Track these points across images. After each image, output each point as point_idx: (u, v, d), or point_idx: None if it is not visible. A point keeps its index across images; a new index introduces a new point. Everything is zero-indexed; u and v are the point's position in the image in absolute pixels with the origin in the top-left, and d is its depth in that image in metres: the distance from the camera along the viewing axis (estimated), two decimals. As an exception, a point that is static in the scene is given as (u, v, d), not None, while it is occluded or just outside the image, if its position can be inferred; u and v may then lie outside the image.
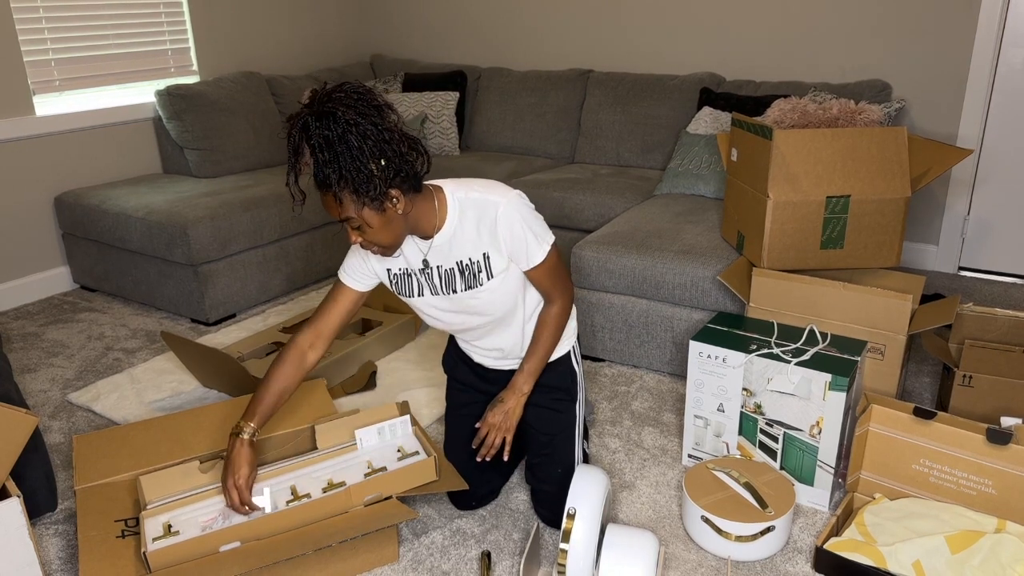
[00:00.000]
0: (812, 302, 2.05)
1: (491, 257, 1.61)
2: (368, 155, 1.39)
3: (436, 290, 1.67)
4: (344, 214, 1.45)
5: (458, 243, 1.60)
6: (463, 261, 1.61)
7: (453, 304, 1.67)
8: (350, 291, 1.71)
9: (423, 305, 1.70)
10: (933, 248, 3.41)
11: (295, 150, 1.41)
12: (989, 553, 1.55)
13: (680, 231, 2.59)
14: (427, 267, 1.64)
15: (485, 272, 1.62)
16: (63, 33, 3.22)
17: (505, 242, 1.59)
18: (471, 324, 1.71)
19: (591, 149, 3.67)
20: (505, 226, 1.57)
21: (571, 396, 1.82)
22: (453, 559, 1.73)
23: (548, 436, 1.80)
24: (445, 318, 1.71)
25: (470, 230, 1.59)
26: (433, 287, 1.66)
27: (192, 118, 3.38)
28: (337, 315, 1.72)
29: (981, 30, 3.06)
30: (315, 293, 3.29)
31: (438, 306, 1.69)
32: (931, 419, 1.71)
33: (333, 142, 1.38)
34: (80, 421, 2.34)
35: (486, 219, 1.58)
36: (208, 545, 1.54)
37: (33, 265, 3.28)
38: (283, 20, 4.10)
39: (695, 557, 1.72)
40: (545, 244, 1.62)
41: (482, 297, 1.64)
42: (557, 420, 1.81)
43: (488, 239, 1.59)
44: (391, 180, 1.44)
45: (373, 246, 1.52)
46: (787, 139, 2.09)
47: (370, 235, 1.49)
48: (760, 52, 3.52)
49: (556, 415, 1.81)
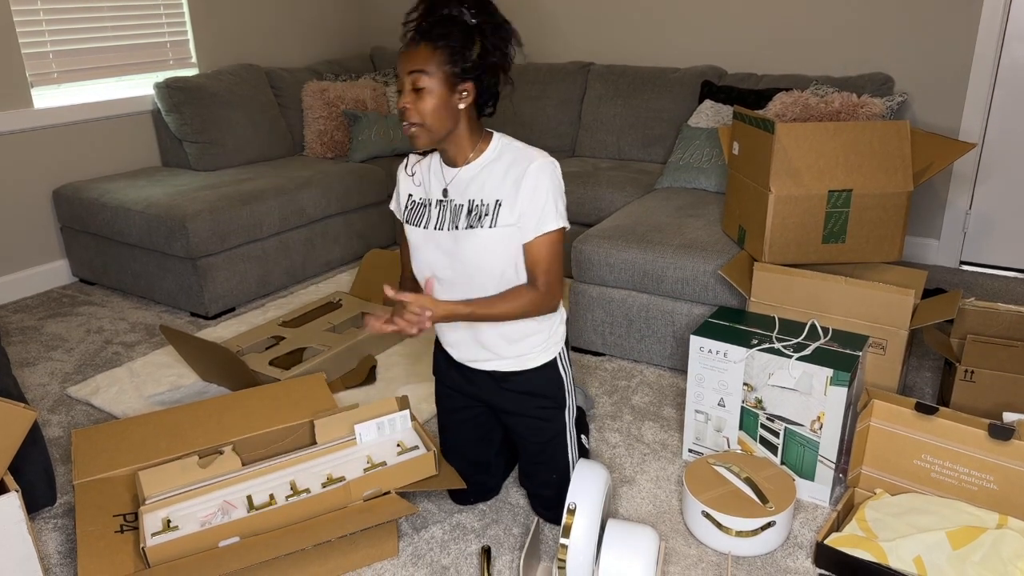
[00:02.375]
0: (814, 297, 2.04)
1: (502, 207, 1.58)
2: (478, 40, 1.50)
3: (443, 223, 1.64)
4: (421, 66, 1.49)
5: (479, 182, 1.60)
6: (475, 200, 1.61)
7: (445, 242, 1.64)
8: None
9: (423, 239, 1.66)
10: (935, 242, 3.40)
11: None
12: (990, 549, 1.55)
13: (681, 225, 2.58)
14: (445, 197, 1.64)
15: (491, 217, 1.59)
16: (61, 25, 3.21)
17: (525, 196, 1.56)
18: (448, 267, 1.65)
19: (592, 142, 3.66)
20: (532, 180, 1.56)
21: (558, 404, 1.77)
22: (453, 554, 1.73)
23: (539, 445, 1.78)
24: (433, 257, 1.66)
25: (497, 173, 1.60)
26: (442, 220, 1.64)
27: (191, 111, 3.37)
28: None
29: (984, 23, 3.04)
30: (314, 287, 3.28)
31: (437, 243, 1.65)
32: (933, 414, 1.71)
33: (462, 9, 1.50)
34: (79, 415, 2.34)
35: (517, 166, 1.58)
36: (207, 540, 1.54)
37: (32, 258, 3.27)
38: (282, 12, 4.08)
39: (695, 552, 1.72)
40: (561, 219, 1.60)
41: (476, 239, 1.59)
42: (546, 429, 1.77)
43: (509, 188, 1.58)
44: (475, 74, 1.52)
45: (414, 116, 1.52)
46: (789, 133, 2.08)
47: (422, 104, 1.50)
48: (762, 45, 3.50)
49: (545, 424, 1.76)
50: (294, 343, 2.54)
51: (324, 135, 3.75)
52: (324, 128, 3.75)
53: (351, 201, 3.47)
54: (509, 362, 1.72)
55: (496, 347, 1.71)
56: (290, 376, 2.31)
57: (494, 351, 1.72)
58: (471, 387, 1.80)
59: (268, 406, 1.98)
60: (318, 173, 3.39)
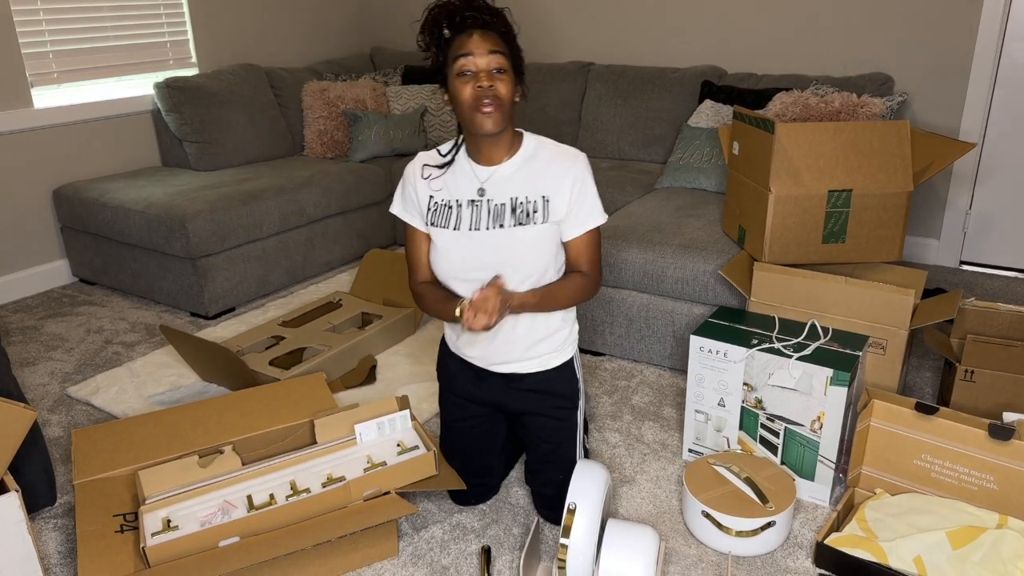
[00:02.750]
0: (814, 296, 2.04)
1: (551, 202, 1.61)
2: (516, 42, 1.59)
3: (479, 223, 1.62)
4: (501, 49, 1.52)
5: (519, 179, 1.61)
6: (517, 197, 1.61)
7: (488, 241, 1.61)
8: (422, 234, 1.71)
9: (452, 241, 1.64)
10: (935, 242, 3.40)
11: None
12: (990, 549, 1.55)
13: (681, 225, 2.58)
14: (482, 196, 1.62)
15: (541, 213, 1.61)
16: (61, 25, 3.21)
17: (574, 192, 1.60)
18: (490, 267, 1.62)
19: (592, 143, 3.65)
20: (579, 178, 1.61)
21: (573, 403, 1.78)
22: (453, 554, 1.73)
23: (552, 445, 1.78)
24: (467, 257, 1.63)
25: (538, 169, 1.61)
26: (477, 220, 1.62)
27: (191, 111, 3.37)
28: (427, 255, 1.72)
29: (984, 23, 3.04)
30: (314, 287, 3.28)
31: (474, 243, 1.62)
32: (933, 414, 1.71)
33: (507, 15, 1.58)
34: (79, 415, 2.34)
35: (559, 162, 1.61)
36: (207, 540, 1.54)
37: (32, 258, 3.27)
38: (282, 12, 4.08)
39: (695, 552, 1.72)
40: (603, 214, 1.66)
41: (526, 236, 1.60)
42: (561, 429, 1.77)
43: (553, 184, 1.60)
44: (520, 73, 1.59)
45: (494, 97, 1.52)
46: (789, 132, 2.08)
47: (503, 85, 1.53)
48: (762, 45, 3.50)
49: (560, 424, 1.77)
50: (294, 343, 2.54)
51: (324, 135, 3.75)
52: (324, 128, 3.75)
53: (351, 201, 3.47)
54: (531, 363, 1.73)
55: (521, 347, 1.70)
56: (290, 376, 2.31)
57: (518, 352, 1.71)
58: (482, 392, 1.78)
59: (268, 406, 1.98)
60: (318, 173, 3.39)
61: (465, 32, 1.53)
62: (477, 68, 1.52)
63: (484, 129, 1.54)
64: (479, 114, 1.53)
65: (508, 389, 1.75)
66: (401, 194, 1.73)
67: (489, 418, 1.83)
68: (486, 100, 1.51)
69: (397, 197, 1.74)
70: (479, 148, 1.62)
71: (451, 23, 1.54)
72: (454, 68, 1.54)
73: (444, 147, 1.72)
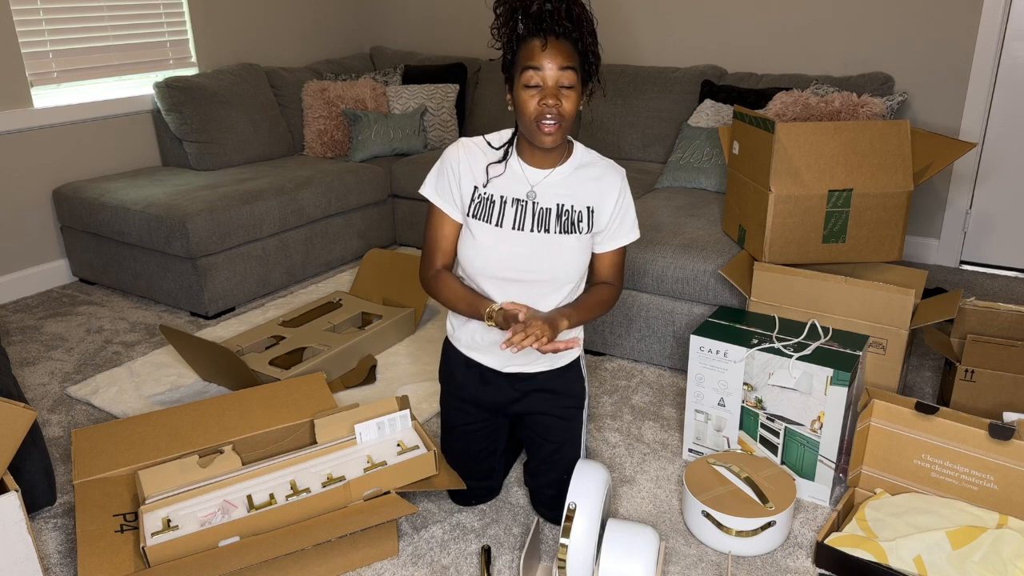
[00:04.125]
0: (814, 296, 2.04)
1: (596, 214, 1.63)
2: (590, 38, 1.50)
3: (523, 224, 1.60)
4: (572, 63, 1.47)
5: (567, 186, 1.62)
6: (563, 204, 1.61)
7: (531, 243, 1.59)
8: (451, 221, 1.66)
9: (494, 238, 1.60)
10: (935, 242, 3.40)
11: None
12: (990, 548, 1.55)
13: (681, 225, 2.58)
14: (528, 198, 1.61)
15: (586, 223, 1.63)
16: (61, 25, 3.21)
17: (618, 208, 1.63)
18: (526, 270, 1.60)
19: (591, 142, 3.65)
20: (622, 194, 1.64)
21: (579, 403, 1.79)
22: (453, 554, 1.73)
23: (556, 445, 1.77)
24: (508, 256, 1.60)
25: (586, 179, 1.62)
26: (522, 221, 1.60)
27: (191, 110, 3.37)
28: (451, 243, 1.67)
29: (984, 23, 3.04)
30: (314, 287, 3.28)
31: (516, 242, 1.60)
32: (933, 414, 1.70)
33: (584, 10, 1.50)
34: (79, 415, 2.34)
35: (608, 176, 1.63)
36: (207, 540, 1.54)
37: (32, 258, 3.27)
38: (282, 12, 4.07)
39: (695, 552, 1.72)
40: (638, 231, 1.70)
41: (570, 243, 1.60)
42: (565, 429, 1.77)
43: (600, 196, 1.62)
44: (589, 76, 1.54)
45: (557, 115, 1.48)
46: (789, 132, 2.08)
47: (568, 103, 1.49)
48: (762, 44, 3.50)
49: (565, 424, 1.77)
50: (294, 343, 2.54)
51: (324, 135, 3.75)
52: (324, 128, 3.75)
53: (351, 201, 3.47)
54: (542, 362, 1.73)
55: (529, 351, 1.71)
56: (290, 376, 2.31)
57: (534, 354, 1.71)
58: (487, 395, 1.77)
59: (268, 406, 1.98)
60: (318, 173, 3.39)
61: (539, 36, 1.47)
62: (545, 83, 1.48)
63: (543, 144, 1.52)
64: (540, 131, 1.50)
65: (520, 391, 1.75)
66: (436, 177, 1.66)
67: (491, 421, 1.82)
68: (548, 116, 1.48)
69: (431, 179, 1.67)
70: (532, 151, 1.60)
71: (526, 14, 1.48)
72: (521, 78, 1.49)
73: (494, 139, 1.66)
